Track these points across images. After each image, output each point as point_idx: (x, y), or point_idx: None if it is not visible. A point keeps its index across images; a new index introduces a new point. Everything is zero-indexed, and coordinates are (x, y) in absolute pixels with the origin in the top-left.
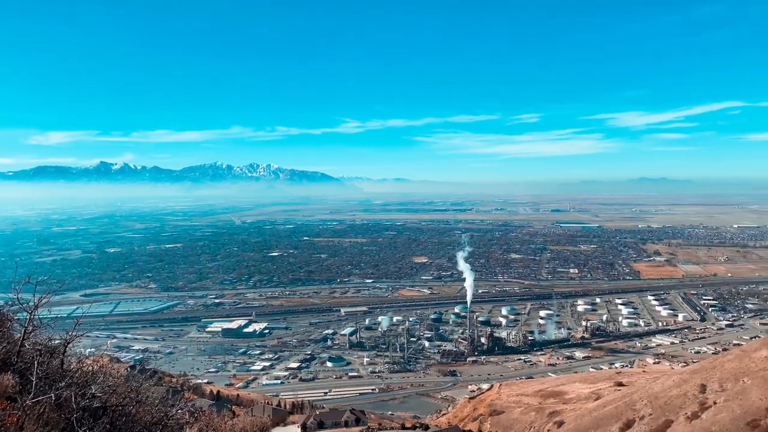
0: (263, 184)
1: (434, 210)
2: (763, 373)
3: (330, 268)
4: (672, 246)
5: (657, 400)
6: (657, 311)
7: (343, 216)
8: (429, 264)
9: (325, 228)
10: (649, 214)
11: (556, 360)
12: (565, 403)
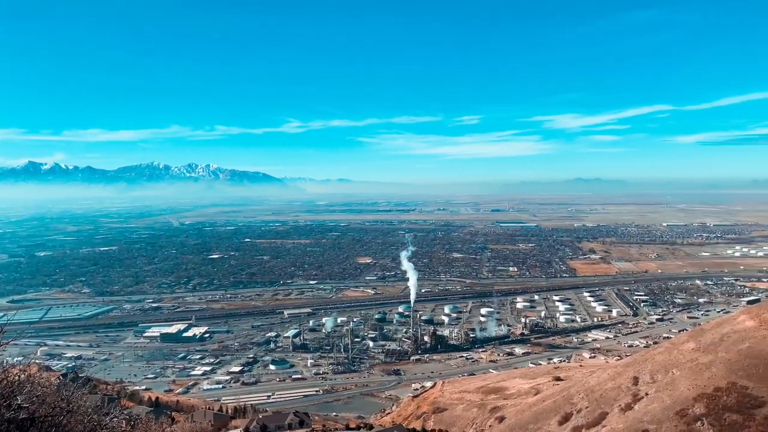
0: (202, 185)
1: (378, 210)
2: (691, 364)
3: (273, 269)
4: (606, 244)
5: (593, 393)
6: (592, 307)
7: (285, 217)
8: (373, 264)
9: (267, 229)
10: (585, 213)
11: (497, 356)
12: (506, 398)
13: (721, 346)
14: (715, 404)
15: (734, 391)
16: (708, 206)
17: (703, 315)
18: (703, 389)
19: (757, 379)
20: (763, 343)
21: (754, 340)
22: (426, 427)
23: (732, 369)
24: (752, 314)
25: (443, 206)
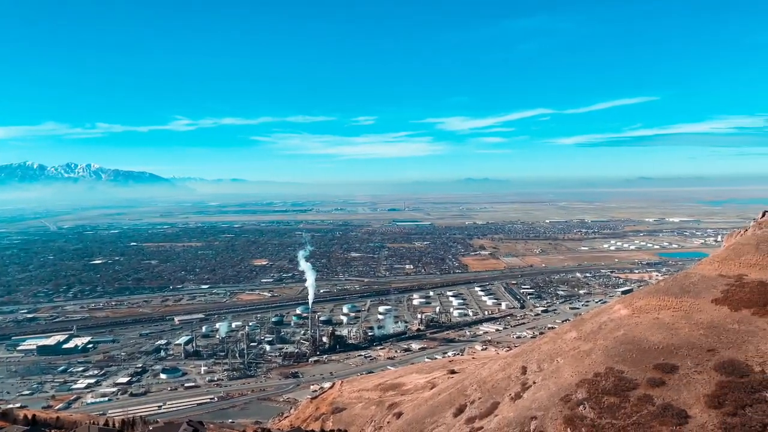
0: (83, 186)
1: (274, 211)
2: (573, 352)
3: (161, 274)
4: (495, 241)
5: (485, 384)
6: (483, 301)
7: (175, 219)
8: (269, 266)
9: (155, 232)
10: (475, 211)
11: (395, 353)
12: (404, 394)
13: (600, 334)
14: (595, 388)
15: (612, 375)
16: (586, 204)
17: (583, 305)
18: (585, 375)
19: (631, 364)
20: (636, 329)
21: (627, 328)
22: (325, 428)
23: (609, 355)
24: (626, 303)
25: (341, 206)
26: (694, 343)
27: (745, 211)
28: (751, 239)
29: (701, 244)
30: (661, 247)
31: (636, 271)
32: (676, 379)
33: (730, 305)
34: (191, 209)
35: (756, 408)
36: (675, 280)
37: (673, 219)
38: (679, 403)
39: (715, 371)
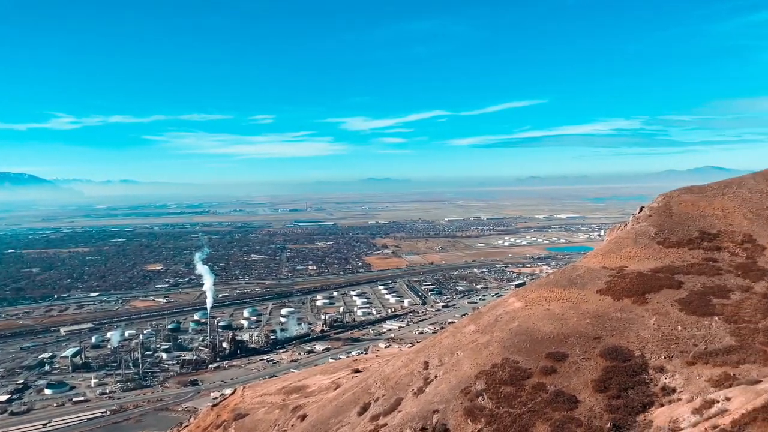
0: None
1: (168, 213)
2: (472, 345)
3: (45, 283)
4: (397, 239)
5: (389, 381)
6: (386, 299)
7: (59, 223)
8: (164, 271)
9: (36, 238)
10: (377, 211)
11: (298, 355)
12: (308, 396)
13: (496, 326)
14: (493, 379)
15: (507, 365)
16: (482, 202)
17: (481, 299)
18: (483, 367)
19: (525, 354)
20: (529, 321)
21: (521, 319)
22: None
23: (505, 346)
24: (519, 296)
25: (240, 207)
26: (582, 331)
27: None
28: (630, 233)
29: (586, 238)
30: (551, 242)
31: (528, 265)
32: (566, 367)
33: (613, 295)
34: (77, 213)
35: (637, 390)
36: (563, 273)
37: (560, 215)
38: (569, 389)
39: (601, 357)
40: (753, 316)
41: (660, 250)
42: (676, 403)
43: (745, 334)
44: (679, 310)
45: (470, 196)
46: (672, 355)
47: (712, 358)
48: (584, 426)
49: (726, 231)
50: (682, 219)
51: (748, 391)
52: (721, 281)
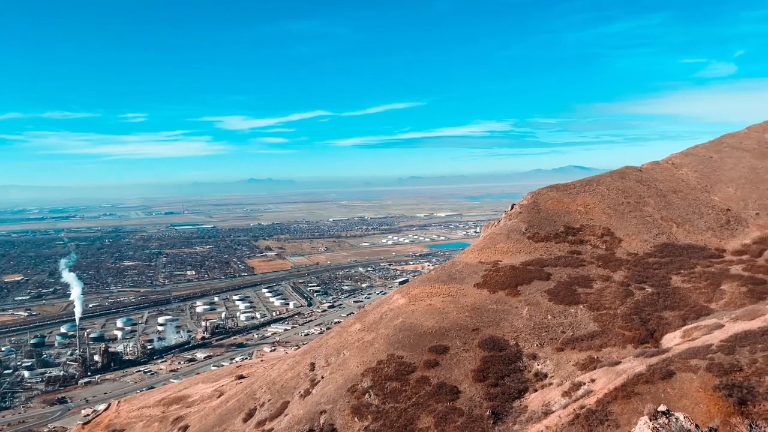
0: None
1: (29, 219)
2: (358, 343)
3: None
4: (281, 241)
5: (275, 385)
6: (271, 302)
7: None
8: (25, 282)
9: None
10: (260, 212)
11: (178, 365)
12: (189, 406)
13: (381, 323)
14: (379, 376)
15: (393, 361)
16: (365, 202)
17: (366, 298)
18: (369, 364)
19: (410, 349)
20: (413, 316)
21: (405, 315)
22: None
23: (390, 342)
24: (403, 293)
25: (110, 210)
26: (462, 324)
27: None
28: (503, 229)
29: (464, 235)
30: (432, 240)
31: (411, 262)
32: (447, 359)
33: (489, 288)
34: None
35: (513, 377)
36: (443, 269)
37: (440, 214)
38: (451, 380)
39: (480, 348)
40: (612, 303)
41: (530, 244)
42: (548, 388)
43: (606, 319)
44: (549, 300)
45: (354, 196)
46: (543, 342)
47: (578, 343)
48: (465, 415)
49: (588, 225)
50: (549, 215)
51: (610, 372)
52: (584, 272)
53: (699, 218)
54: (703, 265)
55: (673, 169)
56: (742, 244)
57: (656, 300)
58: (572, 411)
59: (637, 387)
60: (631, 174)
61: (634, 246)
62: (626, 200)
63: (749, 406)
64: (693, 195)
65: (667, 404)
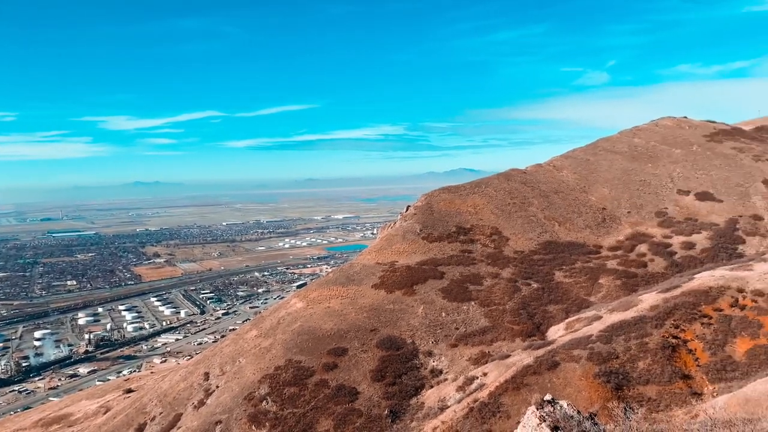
0: None
1: None
2: (255, 350)
3: None
4: (171, 247)
5: (166, 397)
6: (161, 311)
7: None
8: None
9: None
10: (147, 217)
11: (59, 382)
12: (72, 425)
13: (279, 328)
14: (276, 382)
15: (291, 366)
16: (260, 205)
17: (263, 303)
18: (266, 371)
19: (308, 353)
20: (311, 320)
21: (303, 319)
22: None
23: (288, 347)
24: (301, 297)
25: None
26: (360, 325)
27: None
28: (399, 230)
29: (361, 237)
30: (329, 242)
31: (309, 266)
32: (346, 361)
33: (386, 288)
34: None
35: (410, 375)
36: (341, 271)
37: (337, 216)
38: (350, 382)
39: (377, 348)
40: (501, 298)
41: (425, 244)
42: (444, 383)
43: (496, 315)
44: (443, 298)
45: (249, 199)
46: (438, 339)
47: (471, 338)
48: (364, 416)
49: (478, 225)
50: (442, 216)
51: (501, 366)
52: (475, 270)
53: (578, 217)
54: (582, 261)
55: (555, 171)
56: (617, 240)
57: (541, 295)
58: (466, 405)
59: (526, 378)
60: (516, 176)
61: (521, 244)
62: (512, 201)
63: (625, 390)
64: (573, 195)
65: (552, 393)
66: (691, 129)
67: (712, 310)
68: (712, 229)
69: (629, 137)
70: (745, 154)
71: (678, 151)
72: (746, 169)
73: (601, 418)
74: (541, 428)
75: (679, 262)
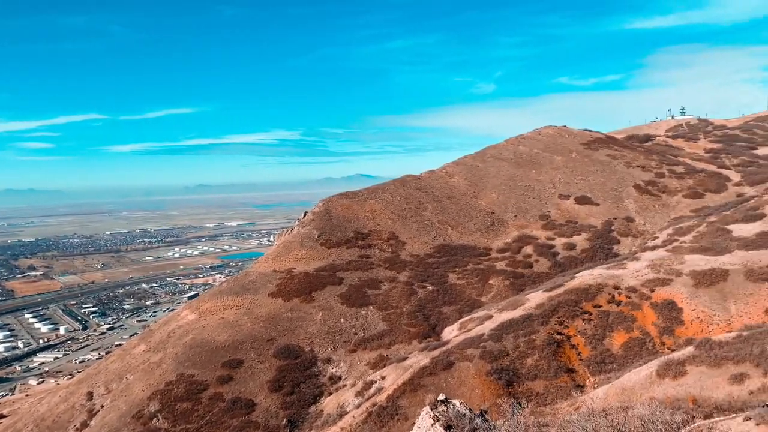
0: None
1: None
2: (144, 366)
3: None
4: (48, 259)
5: (44, 421)
6: (37, 329)
7: None
8: None
9: None
10: (20, 227)
11: None
12: None
13: (169, 342)
14: (168, 398)
15: (183, 381)
16: (148, 213)
17: (152, 317)
18: (156, 387)
19: (201, 366)
20: (204, 332)
21: (196, 331)
22: None
23: (180, 361)
24: (193, 308)
25: None
26: (256, 335)
27: (291, 212)
28: (297, 237)
29: (257, 244)
30: (223, 251)
31: (201, 275)
32: (242, 372)
33: (284, 296)
34: None
35: (308, 383)
36: (236, 280)
37: (231, 223)
38: (246, 394)
39: (275, 358)
40: (399, 302)
41: (323, 250)
42: (342, 390)
43: (393, 318)
44: (341, 303)
45: (135, 207)
46: (337, 345)
47: (369, 343)
48: (262, 427)
49: (375, 230)
50: (341, 221)
51: (399, 368)
52: (373, 274)
53: (469, 221)
54: (474, 263)
55: (447, 177)
56: (505, 242)
57: (437, 297)
58: (365, 410)
59: (422, 380)
60: (411, 182)
61: (417, 248)
62: (408, 206)
63: (515, 386)
64: (464, 200)
65: (448, 393)
66: (570, 137)
67: (592, 306)
68: (590, 231)
69: (515, 145)
70: (618, 160)
71: (559, 158)
72: (619, 175)
73: (492, 414)
74: (435, 428)
75: (561, 262)
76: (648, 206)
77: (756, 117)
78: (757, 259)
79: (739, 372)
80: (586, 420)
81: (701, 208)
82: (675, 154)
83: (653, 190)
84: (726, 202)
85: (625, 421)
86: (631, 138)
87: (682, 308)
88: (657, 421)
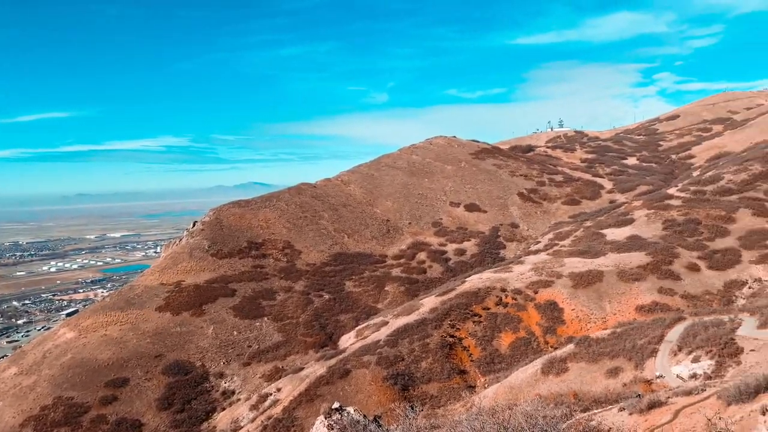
0: None
1: None
2: (15, 390)
3: None
4: None
5: None
6: None
7: None
8: None
9: None
10: None
11: None
12: None
13: (45, 363)
14: (43, 423)
15: (61, 404)
16: (19, 224)
17: (24, 336)
18: (30, 412)
19: (82, 387)
20: (85, 350)
21: (75, 350)
22: None
23: (57, 383)
24: (72, 325)
25: None
26: (143, 352)
27: (180, 222)
28: (186, 248)
29: (143, 256)
30: (105, 263)
31: (81, 290)
32: (128, 392)
33: (172, 310)
34: None
35: (200, 399)
36: (120, 295)
37: (114, 234)
38: (132, 414)
39: (164, 375)
40: (294, 312)
41: (214, 261)
42: (236, 404)
43: (289, 329)
44: (234, 316)
45: (3, 218)
46: (230, 359)
47: (264, 355)
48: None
49: (270, 239)
50: (233, 231)
51: (295, 379)
52: (268, 285)
53: (365, 228)
54: (370, 270)
55: (343, 185)
56: (400, 249)
57: (333, 305)
58: (260, 423)
59: (319, 389)
60: (307, 190)
61: (313, 257)
62: (304, 214)
63: (411, 390)
64: (360, 208)
65: (345, 400)
66: (459, 147)
67: (481, 309)
68: (479, 237)
69: (408, 154)
70: (503, 170)
71: (449, 167)
72: (504, 183)
73: (386, 419)
74: None
75: (453, 267)
76: (531, 213)
77: (625, 129)
78: (627, 261)
79: (614, 366)
80: (475, 419)
81: (578, 214)
82: (554, 163)
83: (535, 198)
84: (600, 208)
85: (510, 418)
86: (515, 148)
87: (563, 308)
88: (539, 416)
